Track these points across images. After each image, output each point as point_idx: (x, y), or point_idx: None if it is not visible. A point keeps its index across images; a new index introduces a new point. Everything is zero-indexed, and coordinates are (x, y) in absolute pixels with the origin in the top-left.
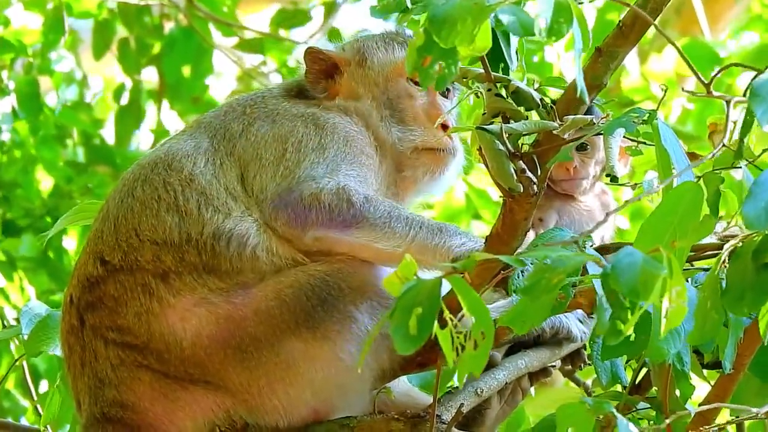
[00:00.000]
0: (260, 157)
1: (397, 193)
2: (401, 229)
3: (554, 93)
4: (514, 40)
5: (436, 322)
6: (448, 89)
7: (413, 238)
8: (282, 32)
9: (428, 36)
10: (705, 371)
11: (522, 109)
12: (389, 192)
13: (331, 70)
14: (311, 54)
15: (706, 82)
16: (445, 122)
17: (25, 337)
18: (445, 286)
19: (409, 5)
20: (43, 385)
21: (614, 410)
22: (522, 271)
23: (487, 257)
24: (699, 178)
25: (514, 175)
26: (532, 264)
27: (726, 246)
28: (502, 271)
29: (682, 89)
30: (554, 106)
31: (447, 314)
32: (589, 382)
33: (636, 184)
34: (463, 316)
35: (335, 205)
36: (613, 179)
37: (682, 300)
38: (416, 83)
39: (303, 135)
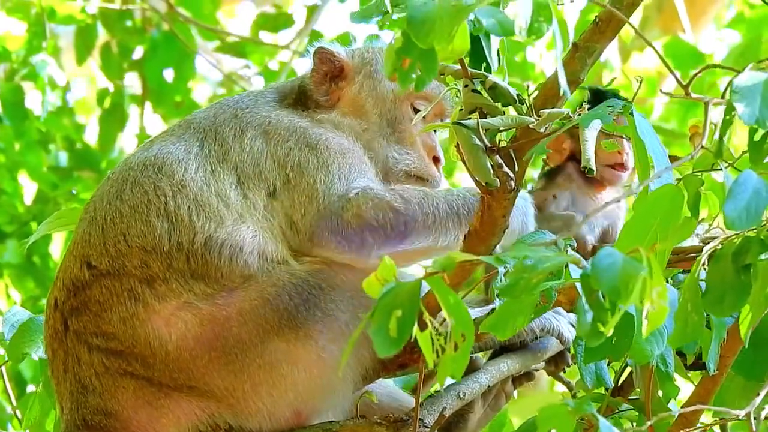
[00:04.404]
0: (265, 178)
1: None
2: (448, 217)
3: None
4: (496, 40)
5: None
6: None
7: (466, 219)
8: (267, 37)
9: (406, 38)
10: (689, 372)
11: (499, 104)
12: None
13: (337, 73)
14: (321, 54)
15: (684, 83)
16: (437, 155)
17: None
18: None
19: (389, 8)
20: (30, 391)
21: (595, 412)
22: (504, 274)
23: (467, 258)
24: (679, 180)
25: (491, 170)
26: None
27: (706, 248)
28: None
29: (661, 90)
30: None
31: (426, 316)
32: (574, 383)
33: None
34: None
35: (382, 217)
36: (589, 172)
37: (663, 301)
38: (416, 110)
39: (300, 158)
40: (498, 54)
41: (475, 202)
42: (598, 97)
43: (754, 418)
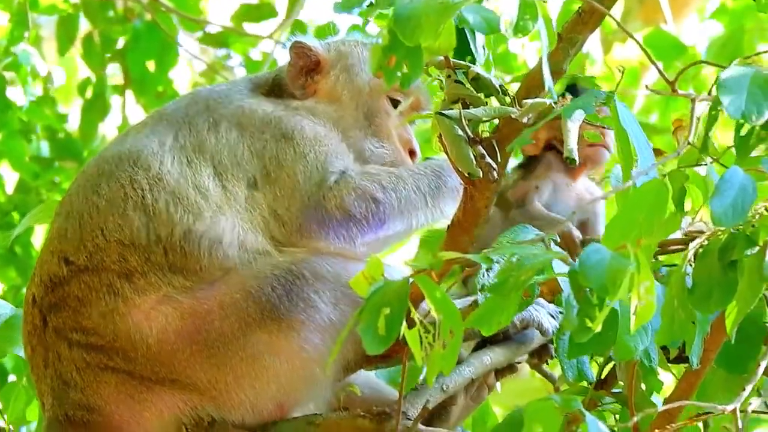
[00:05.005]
0: (244, 170)
1: None
2: (418, 200)
3: None
4: (482, 35)
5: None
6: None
7: (433, 199)
8: (250, 27)
9: (393, 35)
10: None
11: (482, 95)
12: None
13: (313, 67)
14: (298, 48)
15: (670, 80)
16: (413, 148)
17: None
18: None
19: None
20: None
21: (582, 408)
22: (488, 268)
23: (454, 256)
24: (664, 176)
25: (474, 161)
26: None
27: (692, 244)
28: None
29: (646, 87)
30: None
31: (414, 314)
32: (556, 376)
33: (604, 178)
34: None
35: (365, 208)
36: (571, 162)
37: (651, 296)
38: (394, 103)
39: (277, 151)
40: (483, 47)
41: (438, 177)
42: (574, 93)
43: (741, 411)
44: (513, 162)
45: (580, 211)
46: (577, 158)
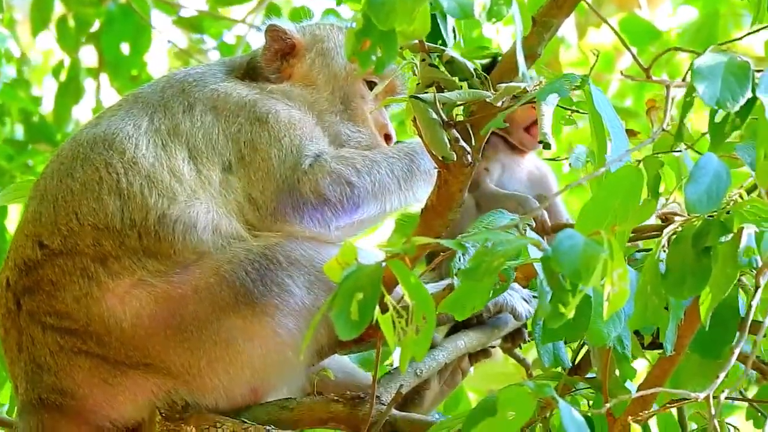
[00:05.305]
0: (219, 154)
1: None
2: (391, 183)
3: None
4: (451, 19)
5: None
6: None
7: (406, 183)
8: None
9: (367, 19)
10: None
11: (456, 79)
12: None
13: (288, 51)
14: (273, 32)
15: (645, 66)
16: (388, 133)
17: None
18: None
19: None
20: None
21: (555, 393)
22: (463, 253)
23: (427, 242)
24: (639, 162)
25: (448, 144)
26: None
27: (666, 230)
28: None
29: (621, 73)
30: (488, 76)
31: (388, 299)
32: (529, 360)
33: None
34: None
35: (340, 192)
36: (546, 146)
37: (624, 283)
38: (370, 86)
39: (251, 134)
40: (454, 31)
41: (412, 160)
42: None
43: (714, 398)
44: None
45: (535, 187)
46: (551, 142)
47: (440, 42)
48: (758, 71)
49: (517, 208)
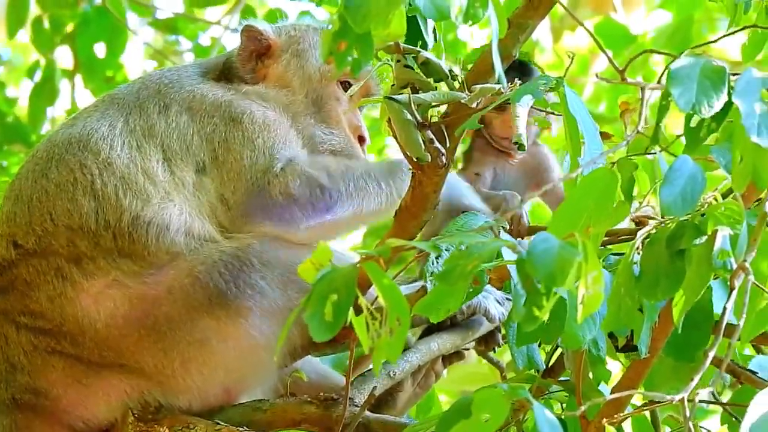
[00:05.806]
0: (193, 155)
1: None
2: (368, 185)
3: None
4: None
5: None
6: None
7: (386, 184)
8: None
9: (343, 21)
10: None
11: (431, 80)
12: None
13: (263, 51)
14: (249, 32)
15: (620, 68)
16: (362, 135)
17: None
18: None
19: None
20: None
21: (529, 396)
22: (437, 256)
23: (402, 244)
24: (613, 164)
25: (423, 146)
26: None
27: (640, 233)
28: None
29: (596, 75)
30: (463, 78)
31: (362, 301)
32: (503, 363)
33: None
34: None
35: (310, 194)
36: (520, 147)
37: (599, 286)
38: (345, 88)
39: (226, 134)
40: (434, 32)
41: (393, 167)
42: (523, 69)
43: (689, 401)
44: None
45: (533, 175)
46: (526, 144)
47: (420, 44)
48: (734, 75)
49: (501, 206)
